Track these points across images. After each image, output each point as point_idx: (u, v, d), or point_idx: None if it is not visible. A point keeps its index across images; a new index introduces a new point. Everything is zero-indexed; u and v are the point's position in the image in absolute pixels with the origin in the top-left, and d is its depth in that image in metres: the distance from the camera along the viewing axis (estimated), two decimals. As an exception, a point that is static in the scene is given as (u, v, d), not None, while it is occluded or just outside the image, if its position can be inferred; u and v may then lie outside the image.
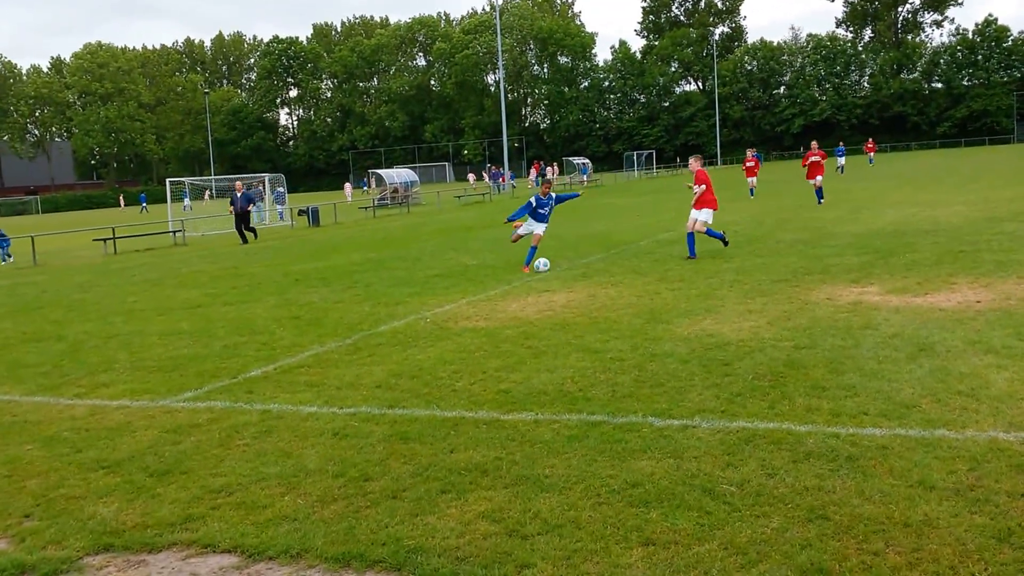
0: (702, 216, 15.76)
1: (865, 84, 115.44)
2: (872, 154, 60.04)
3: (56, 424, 7.19)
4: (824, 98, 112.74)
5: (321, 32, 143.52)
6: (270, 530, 4.70)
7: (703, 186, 15.68)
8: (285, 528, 4.71)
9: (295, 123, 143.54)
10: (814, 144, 28.52)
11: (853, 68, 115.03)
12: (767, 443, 5.46)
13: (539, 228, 15.30)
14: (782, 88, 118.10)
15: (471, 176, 79.57)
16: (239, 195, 29.48)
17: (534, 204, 15.26)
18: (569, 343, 8.92)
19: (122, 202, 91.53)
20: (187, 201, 58.47)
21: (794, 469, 5.01)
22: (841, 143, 54.47)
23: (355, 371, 8.33)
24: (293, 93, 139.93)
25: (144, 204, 77.95)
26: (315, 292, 14.40)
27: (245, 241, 28.60)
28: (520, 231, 15.54)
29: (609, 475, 5.11)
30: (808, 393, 6.49)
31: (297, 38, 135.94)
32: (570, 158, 78.84)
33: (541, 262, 14.83)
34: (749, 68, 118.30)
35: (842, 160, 49.45)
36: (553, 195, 15.61)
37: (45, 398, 8.18)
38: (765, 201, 27.91)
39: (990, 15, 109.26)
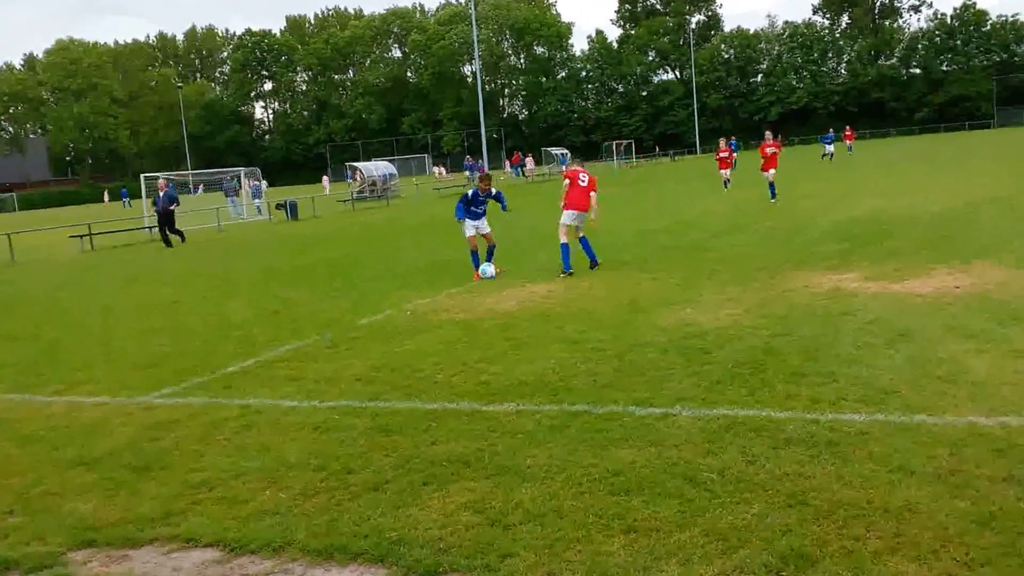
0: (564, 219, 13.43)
1: (842, 71, 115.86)
2: (850, 142, 60.34)
3: (33, 422, 7.13)
4: (801, 86, 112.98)
5: (295, 24, 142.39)
6: (252, 524, 4.68)
7: (567, 181, 13.51)
8: (267, 522, 4.70)
9: (271, 117, 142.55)
10: (768, 134, 26.17)
11: (830, 55, 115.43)
12: (747, 430, 5.49)
13: (484, 227, 13.69)
14: (759, 76, 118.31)
15: (437, 169, 79.07)
16: (161, 194, 27.03)
17: (469, 196, 13.66)
18: (549, 334, 8.93)
19: (106, 197, 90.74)
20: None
21: (774, 455, 5.04)
22: (831, 130, 54.23)
23: (335, 365, 8.30)
24: (268, 86, 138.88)
25: (126, 199, 77.25)
26: (294, 287, 14.33)
27: (168, 244, 26.28)
28: (468, 234, 13.71)
29: (591, 464, 5.13)
30: (787, 380, 6.53)
31: (270, 31, 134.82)
32: (549, 149, 78.77)
33: (486, 268, 13.24)
34: (726, 56, 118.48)
35: (830, 148, 49.43)
36: (494, 191, 13.96)
37: (22, 396, 8.12)
38: (744, 191, 28.00)
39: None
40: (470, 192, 13.70)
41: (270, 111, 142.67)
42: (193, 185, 55.97)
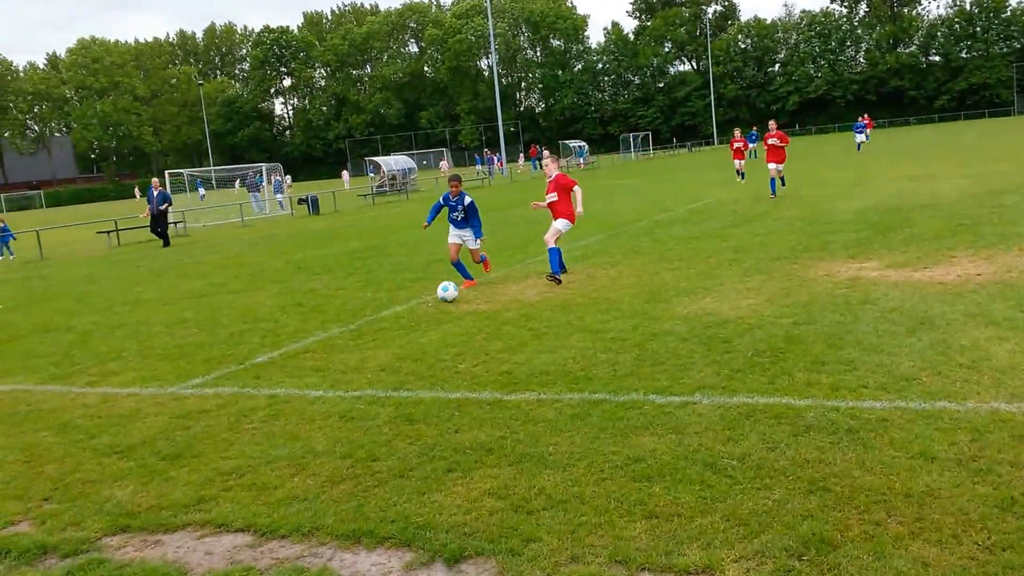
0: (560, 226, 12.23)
1: (861, 60, 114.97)
2: (869, 130, 59.82)
3: (69, 412, 7.29)
4: (819, 75, 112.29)
5: (312, 21, 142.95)
6: (281, 509, 4.79)
7: (554, 195, 12.28)
8: (296, 507, 4.80)
9: (290, 113, 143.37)
10: (772, 124, 25.04)
11: (848, 44, 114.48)
12: (767, 418, 5.53)
13: (472, 241, 12.25)
14: (776, 66, 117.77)
15: (443, 164, 78.85)
16: (156, 193, 26.80)
17: (441, 203, 12.32)
18: (570, 324, 9.00)
19: (137, 193, 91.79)
20: (202, 191, 58.60)
21: (794, 442, 5.08)
22: (860, 118, 53.18)
23: (359, 355, 8.41)
24: (287, 83, 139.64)
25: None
26: (317, 279, 14.48)
27: (168, 243, 26.33)
28: (449, 240, 12.39)
29: (612, 451, 5.19)
30: (807, 368, 6.55)
31: (288, 27, 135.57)
32: (566, 141, 78.70)
33: (448, 289, 11.01)
34: (743, 47, 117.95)
35: (860, 137, 48.76)
36: (468, 198, 12.17)
37: (57, 387, 8.29)
38: (761, 181, 27.85)
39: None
40: (441, 199, 12.37)
41: (290, 107, 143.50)
42: (226, 181, 56.44)
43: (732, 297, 9.63)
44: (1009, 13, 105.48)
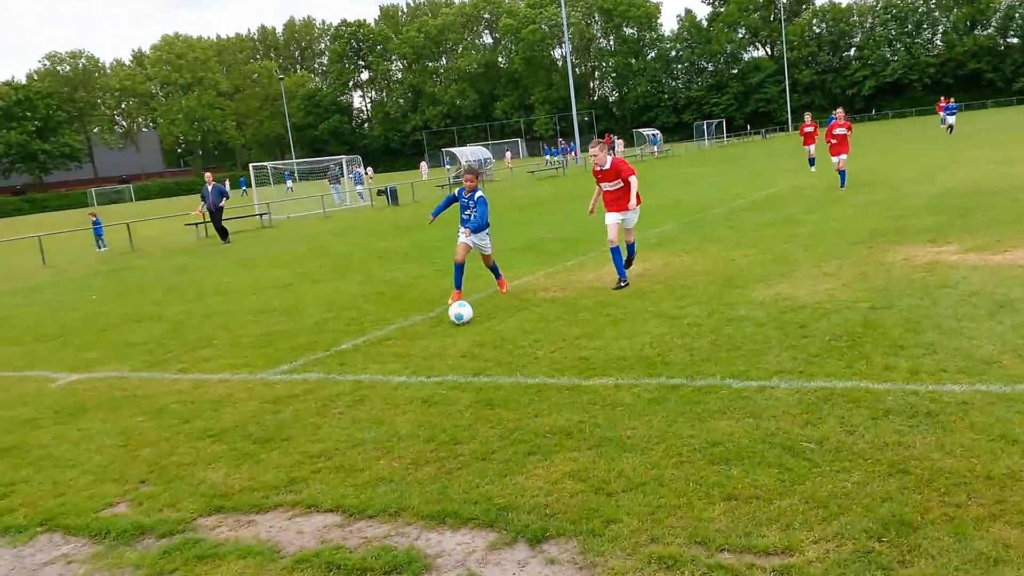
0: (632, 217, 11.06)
1: (938, 42, 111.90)
2: (944, 113, 57.57)
3: (164, 397, 7.64)
4: (895, 58, 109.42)
5: (388, 14, 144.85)
6: (368, 491, 4.96)
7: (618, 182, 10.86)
8: (382, 489, 4.97)
9: (368, 105, 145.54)
10: (840, 113, 21.81)
11: (925, 26, 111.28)
12: (845, 401, 5.50)
13: (485, 247, 10.97)
14: (852, 50, 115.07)
15: (508, 156, 78.18)
16: (209, 188, 25.97)
17: (455, 198, 11.12)
18: (646, 310, 9.03)
19: (227, 186, 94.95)
20: (289, 183, 60.05)
21: (873, 426, 5.05)
22: (952, 100, 50.65)
23: (440, 342, 8.60)
24: (364, 76, 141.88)
25: (244, 187, 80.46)
26: (398, 268, 14.77)
27: (225, 239, 25.44)
28: (459, 239, 10.86)
29: (689, 435, 5.24)
30: (886, 352, 6.48)
31: (365, 21, 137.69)
32: (640, 130, 78.06)
33: (456, 311, 9.50)
34: (818, 31, 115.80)
35: (951, 119, 46.90)
36: (480, 194, 10.85)
37: (152, 374, 8.68)
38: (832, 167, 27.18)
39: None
40: (456, 192, 11.21)
41: (368, 100, 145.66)
42: (307, 173, 57.62)
43: (808, 282, 9.53)
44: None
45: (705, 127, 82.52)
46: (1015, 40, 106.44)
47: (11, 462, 6.20)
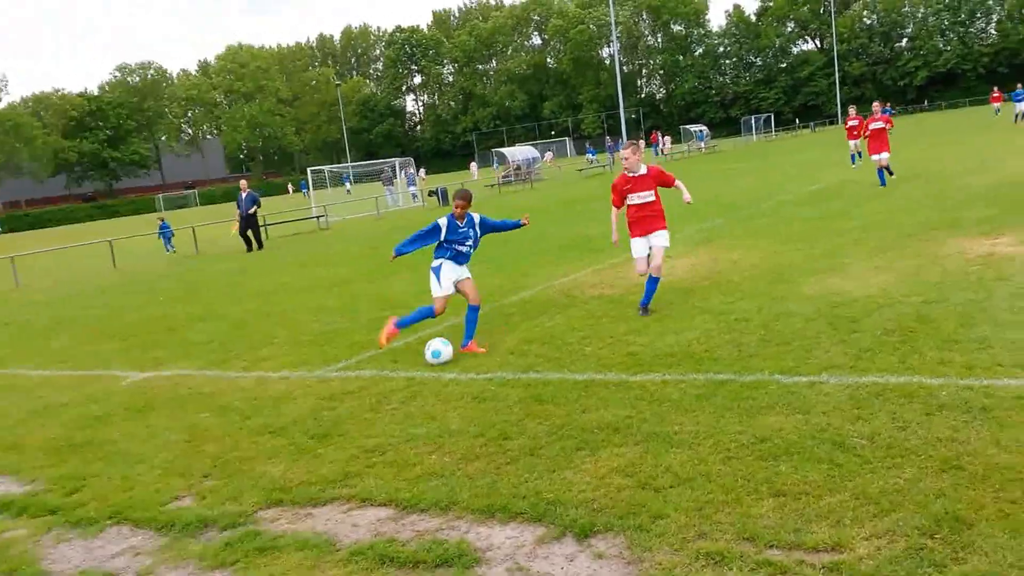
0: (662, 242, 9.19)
1: (992, 31, 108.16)
2: (997, 104, 55.57)
3: (227, 395, 7.87)
4: (948, 48, 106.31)
5: (440, 19, 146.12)
6: (420, 485, 5.06)
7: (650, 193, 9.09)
8: (434, 483, 5.06)
9: (421, 108, 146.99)
10: (876, 106, 20.43)
11: (979, 15, 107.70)
12: (898, 397, 5.44)
13: (463, 270, 8.77)
14: (904, 41, 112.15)
15: (548, 155, 77.29)
16: (244, 195, 25.25)
17: (444, 231, 8.53)
18: (694, 306, 9.01)
19: (290, 189, 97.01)
20: (348, 185, 60.95)
21: (926, 421, 4.99)
22: (1020, 86, 48.98)
23: (489, 339, 8.68)
24: (417, 80, 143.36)
25: (306, 190, 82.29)
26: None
27: (250, 247, 24.88)
28: (438, 292, 8.62)
29: (737, 431, 5.23)
30: (939, 347, 6.39)
31: (418, 26, 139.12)
32: (687, 126, 77.32)
33: (433, 350, 8.01)
34: (868, 23, 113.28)
35: (1021, 106, 45.33)
36: (475, 217, 8.67)
37: (215, 372, 8.95)
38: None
39: None
40: (443, 222, 8.56)
41: (420, 103, 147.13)
42: (361, 176, 58.35)
43: (859, 276, 9.40)
44: None
45: (753, 122, 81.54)
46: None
47: (83, 457, 6.45)
